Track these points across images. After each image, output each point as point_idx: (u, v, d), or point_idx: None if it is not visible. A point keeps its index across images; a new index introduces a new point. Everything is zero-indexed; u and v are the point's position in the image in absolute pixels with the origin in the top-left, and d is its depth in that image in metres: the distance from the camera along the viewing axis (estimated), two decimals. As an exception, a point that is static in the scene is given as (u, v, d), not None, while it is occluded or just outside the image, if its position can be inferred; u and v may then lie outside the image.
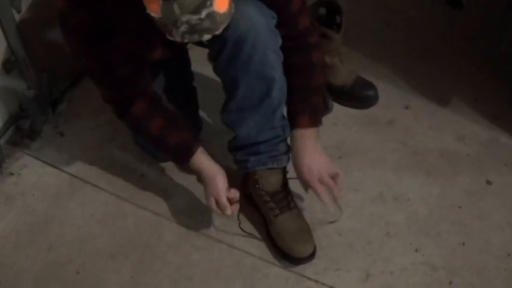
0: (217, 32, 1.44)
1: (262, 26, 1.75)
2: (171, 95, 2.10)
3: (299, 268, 1.99)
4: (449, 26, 2.87)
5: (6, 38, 2.15)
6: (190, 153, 1.93)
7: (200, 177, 1.99)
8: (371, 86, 2.49)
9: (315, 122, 1.95)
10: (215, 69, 1.89)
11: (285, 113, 1.98)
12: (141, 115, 1.91)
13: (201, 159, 1.94)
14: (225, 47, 1.77)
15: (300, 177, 1.97)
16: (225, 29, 1.70)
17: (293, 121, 1.95)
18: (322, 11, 2.36)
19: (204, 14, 1.35)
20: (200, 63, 2.01)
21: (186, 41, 1.42)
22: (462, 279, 1.97)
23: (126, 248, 2.06)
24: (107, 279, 1.98)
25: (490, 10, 2.93)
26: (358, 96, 2.48)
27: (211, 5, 1.35)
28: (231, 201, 1.93)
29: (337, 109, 2.47)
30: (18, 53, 2.19)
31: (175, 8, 1.33)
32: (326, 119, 1.99)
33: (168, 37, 1.42)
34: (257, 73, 1.82)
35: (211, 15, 1.37)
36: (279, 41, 1.82)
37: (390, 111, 2.48)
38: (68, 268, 2.01)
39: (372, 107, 2.49)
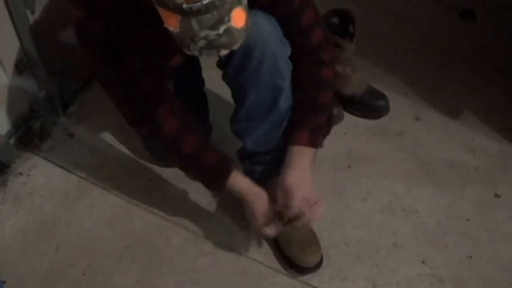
0: (235, 47, 1.41)
1: (271, 35, 1.75)
2: (181, 101, 2.09)
3: (305, 277, 1.99)
4: (462, 38, 2.88)
5: (20, 38, 2.16)
6: (228, 171, 1.86)
7: (242, 197, 1.90)
8: (382, 96, 2.49)
9: (315, 142, 1.86)
10: (224, 77, 1.89)
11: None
12: (175, 131, 1.83)
13: (241, 177, 1.88)
14: (234, 56, 1.77)
15: (286, 190, 1.82)
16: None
17: (292, 136, 1.87)
18: (335, 20, 2.37)
19: (222, 29, 1.34)
20: (211, 68, 2.01)
21: (203, 56, 1.40)
22: (469, 291, 1.98)
23: (133, 251, 2.06)
24: (113, 281, 1.99)
25: (502, 23, 2.93)
26: (369, 106, 2.48)
27: (229, 20, 1.33)
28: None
29: (348, 118, 2.47)
30: (30, 54, 2.20)
31: (194, 23, 1.31)
32: (336, 128, 1.99)
33: (186, 51, 1.40)
34: (265, 82, 1.81)
35: (229, 31, 1.35)
36: (289, 50, 1.81)
37: (400, 122, 2.48)
38: (75, 269, 2.01)
39: (382, 117, 2.49)
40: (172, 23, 1.34)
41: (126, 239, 2.09)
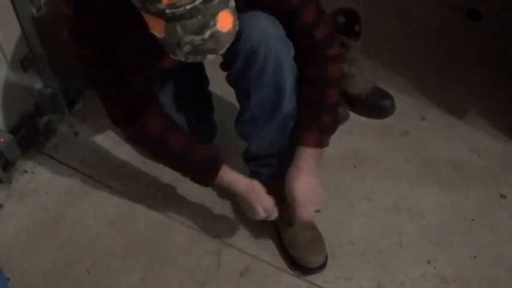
0: (221, 52, 1.40)
1: (274, 37, 1.73)
2: (184, 101, 2.09)
3: (310, 276, 1.98)
4: (467, 38, 2.88)
5: (25, 35, 2.16)
6: (218, 165, 1.87)
7: (234, 189, 1.90)
8: (387, 95, 2.49)
9: (322, 143, 1.88)
10: (227, 79, 1.87)
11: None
12: (160, 131, 1.84)
13: (230, 171, 1.88)
14: (237, 58, 1.75)
15: (293, 197, 1.87)
16: (236, 42, 1.69)
17: (299, 137, 1.87)
18: (341, 19, 2.36)
19: (207, 34, 1.31)
20: (218, 68, 2.00)
21: (189, 61, 1.37)
22: (473, 292, 1.97)
23: (136, 250, 2.06)
24: (117, 279, 1.98)
25: (508, 23, 2.93)
26: (375, 105, 2.47)
27: (214, 25, 1.31)
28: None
29: (353, 118, 2.47)
30: (36, 51, 2.20)
31: (178, 29, 1.29)
32: (342, 128, 1.98)
33: (172, 56, 1.38)
34: (269, 84, 1.80)
35: (215, 35, 1.32)
36: (292, 52, 1.80)
37: (406, 122, 2.48)
38: (78, 267, 2.01)
39: (388, 117, 2.49)
40: (157, 29, 1.32)
41: (130, 237, 2.09)
